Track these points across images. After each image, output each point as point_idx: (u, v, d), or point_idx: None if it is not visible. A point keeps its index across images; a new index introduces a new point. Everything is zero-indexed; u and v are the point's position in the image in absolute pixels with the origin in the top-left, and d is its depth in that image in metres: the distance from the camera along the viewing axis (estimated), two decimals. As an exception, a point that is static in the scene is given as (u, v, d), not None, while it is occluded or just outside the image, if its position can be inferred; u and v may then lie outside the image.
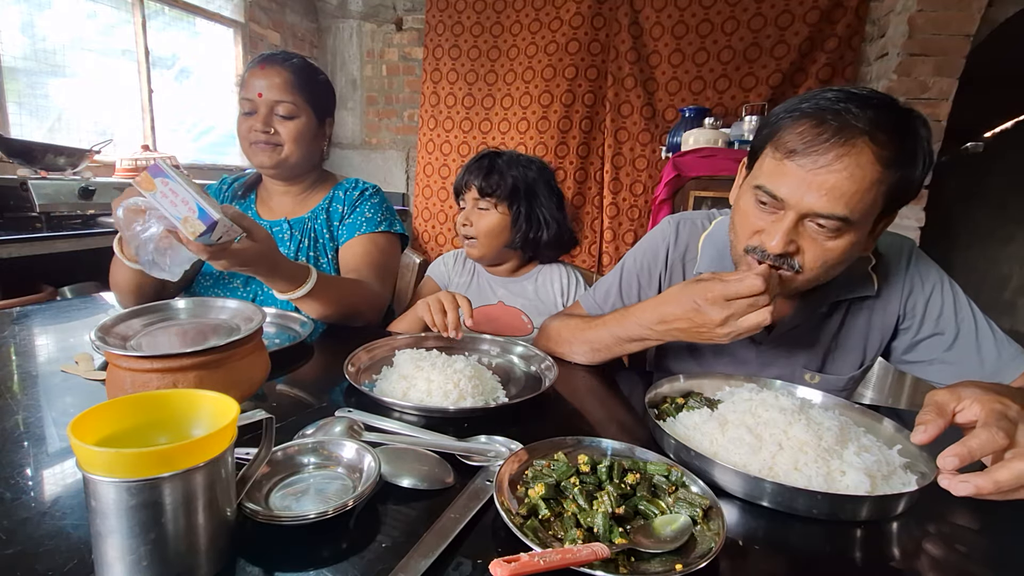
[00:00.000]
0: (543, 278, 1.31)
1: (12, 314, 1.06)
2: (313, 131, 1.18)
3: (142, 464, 0.36)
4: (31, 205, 1.97)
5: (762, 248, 0.75)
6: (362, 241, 1.19)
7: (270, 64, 1.12)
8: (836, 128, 0.67)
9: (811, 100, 0.71)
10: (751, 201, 0.77)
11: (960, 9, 2.49)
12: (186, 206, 0.70)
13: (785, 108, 0.74)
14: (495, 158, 1.22)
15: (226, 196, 1.29)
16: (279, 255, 0.92)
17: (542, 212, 1.23)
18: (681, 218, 1.01)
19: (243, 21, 3.45)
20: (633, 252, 1.04)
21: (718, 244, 0.94)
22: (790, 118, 0.72)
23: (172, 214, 0.70)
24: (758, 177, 0.75)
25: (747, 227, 0.78)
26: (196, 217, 0.70)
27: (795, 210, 0.71)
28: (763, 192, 0.73)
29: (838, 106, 0.68)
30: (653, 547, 0.45)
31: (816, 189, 0.68)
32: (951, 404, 0.57)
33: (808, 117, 0.70)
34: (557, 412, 0.76)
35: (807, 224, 0.72)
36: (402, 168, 4.14)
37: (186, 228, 0.70)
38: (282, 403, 0.73)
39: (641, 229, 3.49)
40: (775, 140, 0.73)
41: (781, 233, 0.72)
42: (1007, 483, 0.49)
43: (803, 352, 0.92)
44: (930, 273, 0.88)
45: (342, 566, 0.42)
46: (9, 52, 2.30)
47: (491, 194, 1.20)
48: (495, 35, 3.61)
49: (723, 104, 3.23)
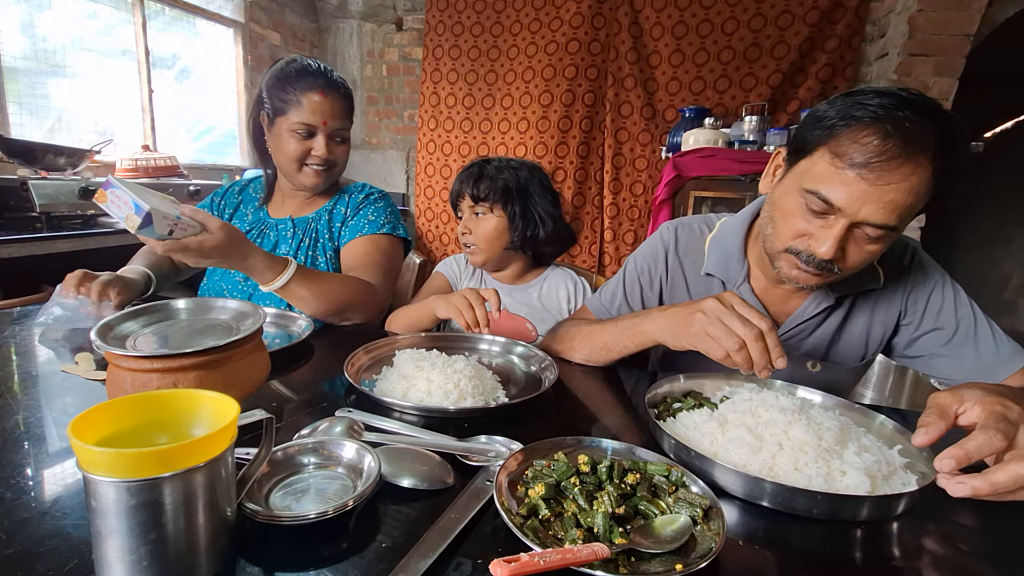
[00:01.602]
0: (548, 286, 1.31)
1: (12, 314, 1.06)
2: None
3: (142, 464, 0.36)
4: (31, 205, 1.97)
5: (808, 253, 0.75)
6: (363, 242, 1.20)
7: (332, 91, 1.13)
8: (901, 143, 0.66)
9: (864, 106, 0.69)
10: (799, 204, 0.75)
11: (960, 9, 2.49)
12: (126, 206, 0.79)
13: (838, 112, 0.71)
14: (484, 165, 1.23)
15: (241, 200, 1.30)
16: (247, 245, 0.93)
17: (537, 210, 1.23)
18: (679, 223, 1.03)
19: (243, 21, 3.45)
20: (634, 256, 1.05)
21: (725, 246, 0.95)
22: (846, 125, 0.70)
23: (119, 216, 0.80)
24: (811, 181, 0.73)
25: (791, 228, 0.77)
26: (133, 212, 0.79)
27: (849, 218, 0.71)
28: (816, 198, 0.72)
29: (896, 115, 0.67)
30: (653, 547, 0.44)
31: (875, 202, 0.68)
32: (953, 406, 0.57)
33: (869, 126, 0.68)
34: (557, 412, 0.77)
35: (854, 230, 0.72)
36: (402, 168, 4.14)
37: (129, 224, 0.79)
38: (282, 403, 0.73)
39: (641, 229, 3.49)
40: (831, 145, 0.71)
41: (833, 241, 0.72)
42: (1004, 485, 0.49)
43: (808, 343, 0.93)
44: (932, 272, 0.90)
45: (342, 566, 0.42)
46: (9, 52, 2.30)
47: (485, 199, 1.21)
48: (495, 35, 3.61)
49: (723, 104, 3.23)
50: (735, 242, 0.94)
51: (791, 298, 0.92)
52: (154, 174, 2.58)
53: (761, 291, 0.93)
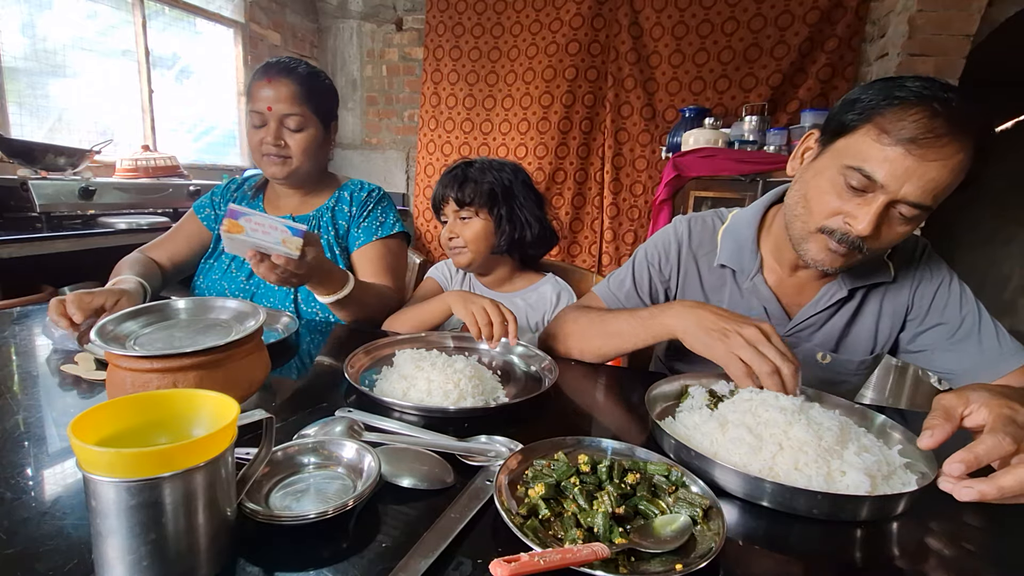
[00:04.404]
0: (537, 296, 1.28)
1: (12, 314, 1.06)
2: (320, 139, 1.19)
3: (142, 464, 0.36)
4: (31, 205, 1.97)
5: (843, 231, 0.75)
6: (376, 247, 1.22)
7: (276, 76, 1.12)
8: (948, 121, 0.66)
9: (907, 88, 0.69)
10: (837, 181, 0.75)
11: (960, 9, 2.49)
12: (276, 231, 0.78)
13: (880, 93, 0.71)
14: (467, 168, 1.21)
15: (235, 197, 1.30)
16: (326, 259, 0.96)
17: (523, 213, 1.22)
18: (692, 217, 1.03)
19: (243, 21, 3.45)
20: (646, 246, 1.05)
21: (737, 237, 0.95)
22: (892, 103, 0.70)
23: (269, 242, 0.78)
24: (852, 157, 0.72)
25: (825, 206, 0.76)
26: (292, 235, 0.79)
27: (889, 195, 0.70)
28: (858, 173, 0.71)
29: (941, 95, 0.67)
30: (653, 547, 0.44)
31: (918, 178, 0.68)
32: (959, 408, 0.57)
33: (916, 104, 0.68)
34: (557, 412, 0.76)
35: (890, 209, 0.72)
36: (402, 168, 4.14)
37: (289, 247, 0.79)
38: (282, 403, 0.73)
39: (641, 229, 3.49)
40: (876, 122, 0.70)
41: (872, 217, 0.71)
42: (1012, 489, 0.48)
43: (819, 335, 0.93)
44: (940, 268, 0.91)
45: (342, 566, 0.42)
46: (9, 52, 2.30)
47: (470, 203, 1.19)
48: (496, 36, 3.61)
49: (723, 104, 3.23)
50: (748, 233, 0.93)
51: (804, 290, 0.92)
52: (154, 174, 2.58)
53: (774, 283, 0.93)
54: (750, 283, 0.93)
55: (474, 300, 0.92)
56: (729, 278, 0.96)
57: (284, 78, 1.12)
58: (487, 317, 0.89)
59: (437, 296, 1.04)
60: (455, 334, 0.97)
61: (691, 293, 0.99)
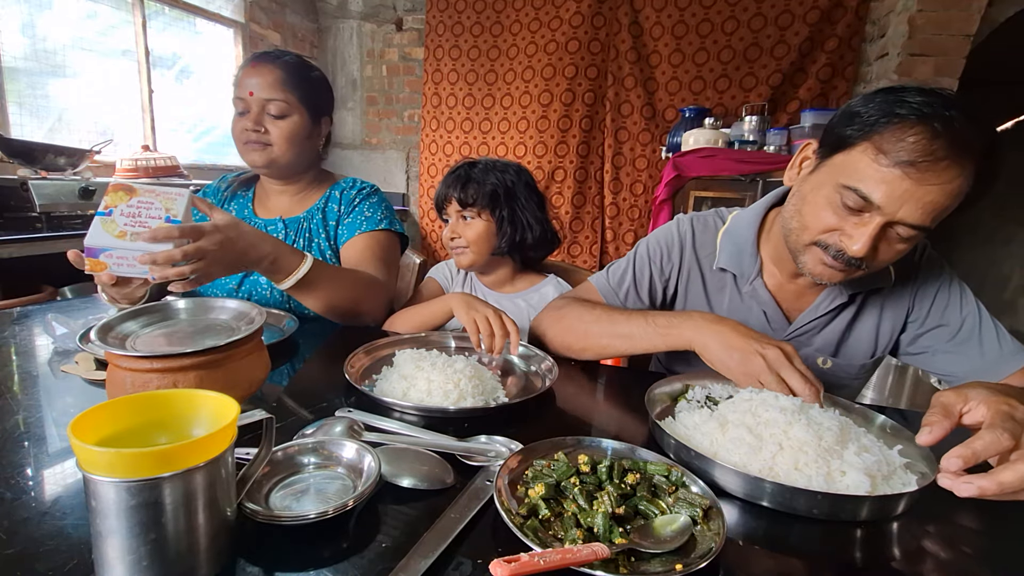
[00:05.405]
0: (539, 297, 1.27)
1: (12, 314, 1.06)
2: (306, 130, 1.16)
3: (142, 464, 0.36)
4: (31, 205, 1.97)
5: (838, 249, 0.74)
6: (363, 238, 1.18)
7: (261, 62, 1.11)
8: (949, 143, 0.64)
9: (908, 103, 0.67)
10: (834, 198, 0.73)
11: (960, 9, 2.49)
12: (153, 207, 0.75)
13: (880, 108, 0.69)
14: (470, 168, 1.21)
15: (225, 194, 1.28)
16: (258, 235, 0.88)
17: (525, 214, 1.21)
18: (695, 216, 1.01)
19: (243, 21, 3.45)
20: (647, 241, 1.02)
21: (737, 240, 0.94)
22: (891, 121, 0.68)
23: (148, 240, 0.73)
24: (849, 177, 0.71)
25: (820, 222, 0.75)
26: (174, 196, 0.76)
27: (886, 217, 0.69)
28: (855, 194, 0.70)
29: (943, 114, 0.65)
30: (653, 547, 0.44)
31: (916, 201, 0.67)
32: (958, 405, 0.57)
33: (916, 124, 0.66)
34: (557, 412, 0.76)
35: (887, 229, 0.71)
36: (402, 168, 4.14)
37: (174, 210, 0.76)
38: (282, 403, 0.73)
39: (641, 229, 3.49)
40: (874, 140, 0.69)
41: (867, 239, 0.70)
42: (1011, 485, 0.48)
43: (819, 339, 0.93)
44: (940, 269, 0.90)
45: (342, 566, 0.42)
46: (9, 52, 2.30)
47: (473, 203, 1.19)
48: (495, 34, 3.62)
49: (723, 104, 3.23)
50: (748, 236, 0.93)
51: (804, 294, 0.92)
52: (154, 174, 2.58)
53: (774, 287, 0.92)
54: (749, 287, 0.92)
55: (477, 307, 0.92)
56: (729, 281, 0.96)
57: (268, 64, 1.11)
58: (489, 327, 0.88)
59: (440, 297, 1.04)
60: (456, 334, 0.97)
61: (693, 295, 0.99)
